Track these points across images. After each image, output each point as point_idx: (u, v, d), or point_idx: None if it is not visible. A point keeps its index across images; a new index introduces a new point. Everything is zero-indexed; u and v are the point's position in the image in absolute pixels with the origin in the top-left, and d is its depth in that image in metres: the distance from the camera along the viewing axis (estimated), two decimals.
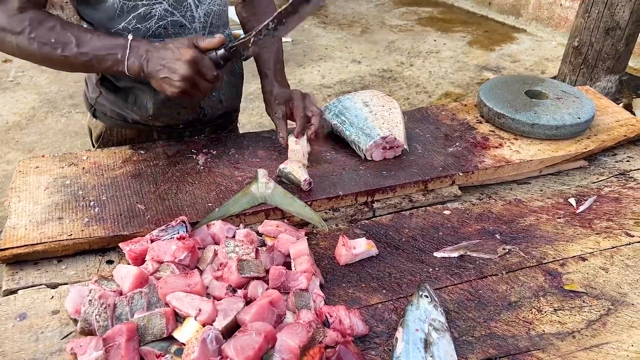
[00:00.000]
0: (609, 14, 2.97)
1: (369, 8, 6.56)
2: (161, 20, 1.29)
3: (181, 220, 1.11)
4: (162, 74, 1.16)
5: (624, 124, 1.59)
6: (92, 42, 1.17)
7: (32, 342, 0.94)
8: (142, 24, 1.27)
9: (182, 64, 1.15)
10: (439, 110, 1.67)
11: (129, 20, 1.26)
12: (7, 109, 4.16)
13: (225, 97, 1.56)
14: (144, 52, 1.17)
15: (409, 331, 0.92)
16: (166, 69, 1.16)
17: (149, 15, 1.27)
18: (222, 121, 1.62)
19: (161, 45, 1.19)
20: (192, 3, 1.32)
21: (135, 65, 1.17)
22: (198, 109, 1.49)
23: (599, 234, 1.23)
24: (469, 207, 1.32)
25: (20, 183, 1.28)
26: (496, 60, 5.08)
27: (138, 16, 1.26)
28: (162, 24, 1.29)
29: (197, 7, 1.33)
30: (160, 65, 1.16)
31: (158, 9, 1.27)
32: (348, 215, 1.28)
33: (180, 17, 1.31)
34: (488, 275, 1.11)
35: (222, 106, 1.56)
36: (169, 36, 1.31)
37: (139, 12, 1.25)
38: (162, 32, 1.30)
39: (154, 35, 1.29)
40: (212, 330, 0.86)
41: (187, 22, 1.33)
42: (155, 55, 1.17)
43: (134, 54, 1.17)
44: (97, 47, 1.16)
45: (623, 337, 0.98)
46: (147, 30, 1.28)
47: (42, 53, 1.15)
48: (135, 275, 0.97)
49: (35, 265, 1.11)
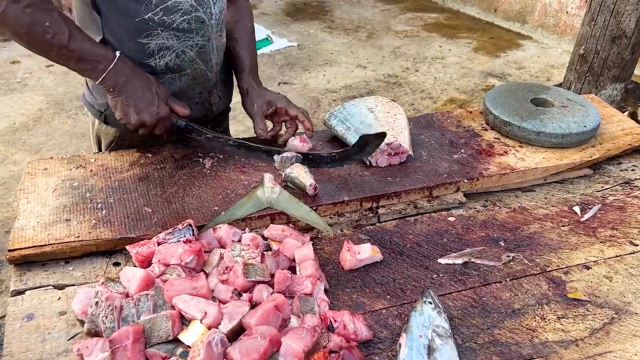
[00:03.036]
0: (615, 22, 2.97)
1: (374, 13, 6.58)
2: (186, 15, 1.30)
3: (188, 223, 1.12)
4: (129, 103, 1.23)
5: (629, 132, 1.59)
6: (82, 42, 1.19)
7: (39, 343, 0.95)
8: (168, 16, 1.28)
9: (151, 115, 1.24)
10: (444, 116, 1.68)
11: (156, 12, 1.27)
12: (14, 110, 4.19)
13: (223, 94, 1.59)
14: (125, 76, 1.23)
15: (413, 337, 0.93)
16: (137, 104, 1.23)
17: (176, 8, 1.28)
18: (221, 118, 1.67)
19: (145, 79, 1.25)
20: (211, 0, 1.35)
21: (109, 82, 1.22)
22: (208, 105, 1.52)
23: (603, 243, 1.23)
24: (473, 214, 1.33)
25: (29, 184, 1.30)
26: (501, 67, 5.08)
27: (166, 8, 1.27)
28: (187, 18, 1.31)
29: (215, 4, 1.36)
30: (134, 98, 1.23)
31: (185, 3, 1.29)
32: (353, 221, 1.28)
33: (202, 13, 1.33)
34: (492, 282, 1.12)
35: (223, 102, 1.60)
36: (191, 31, 1.33)
37: (167, 4, 1.27)
38: (185, 27, 1.32)
39: (178, 29, 1.31)
40: (217, 333, 0.87)
41: (207, 19, 1.35)
42: (133, 86, 1.23)
43: (115, 72, 1.21)
44: (85, 50, 1.19)
45: (626, 346, 0.98)
46: (172, 23, 1.29)
47: (30, 30, 1.14)
48: (141, 278, 0.98)
49: (42, 266, 1.12)
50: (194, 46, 1.36)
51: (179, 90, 1.43)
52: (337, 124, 1.50)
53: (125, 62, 1.24)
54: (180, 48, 1.35)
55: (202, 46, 1.38)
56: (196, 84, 1.44)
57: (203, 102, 1.50)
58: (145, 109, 1.23)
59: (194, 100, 1.47)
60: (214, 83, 1.50)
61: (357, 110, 1.52)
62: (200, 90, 1.47)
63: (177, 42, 1.33)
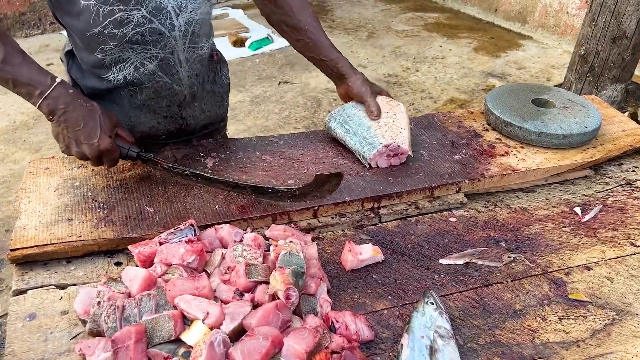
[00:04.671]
0: (615, 23, 2.97)
1: (375, 13, 6.58)
2: (138, 27, 1.25)
3: (190, 223, 1.12)
4: (70, 134, 1.20)
5: (630, 133, 1.59)
6: (19, 66, 1.16)
7: (41, 342, 0.95)
8: (118, 30, 1.24)
9: (93, 147, 1.20)
10: (445, 117, 1.68)
11: (104, 25, 1.23)
12: (14, 108, 4.19)
13: (207, 107, 1.54)
14: (64, 104, 1.18)
15: (415, 338, 0.93)
16: (77, 136, 1.19)
17: (125, 21, 1.24)
18: (208, 131, 1.61)
19: (87, 109, 1.20)
20: (172, 11, 1.28)
21: (46, 109, 1.18)
22: (179, 119, 1.47)
23: (604, 244, 1.24)
24: (474, 215, 1.33)
25: (31, 184, 1.30)
26: (502, 67, 5.08)
27: (115, 21, 1.23)
28: (140, 30, 1.26)
29: (178, 16, 1.30)
30: (75, 129, 1.19)
31: (136, 15, 1.24)
32: (354, 221, 1.29)
33: (159, 25, 1.28)
34: (493, 283, 1.12)
35: (205, 116, 1.55)
36: (147, 43, 1.29)
37: (115, 17, 1.22)
38: (139, 39, 1.27)
39: (132, 42, 1.27)
40: (219, 333, 0.87)
41: (166, 30, 1.29)
42: (76, 116, 1.19)
43: (52, 100, 1.17)
44: (21, 73, 1.16)
45: (627, 347, 0.98)
46: (124, 36, 1.25)
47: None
48: (143, 278, 0.98)
49: (44, 265, 1.12)
50: (153, 58, 1.32)
51: (142, 103, 1.40)
52: (337, 127, 1.50)
53: (66, 88, 1.19)
54: (138, 60, 1.31)
55: (163, 59, 1.33)
56: (160, 97, 1.40)
57: (173, 116, 1.46)
58: (86, 141, 1.19)
59: (161, 114, 1.44)
60: (186, 96, 1.44)
61: (355, 112, 1.51)
62: (167, 104, 1.42)
63: (133, 54, 1.30)
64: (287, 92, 4.51)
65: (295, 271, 0.98)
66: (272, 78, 4.72)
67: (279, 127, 4.01)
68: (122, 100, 1.39)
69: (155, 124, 1.45)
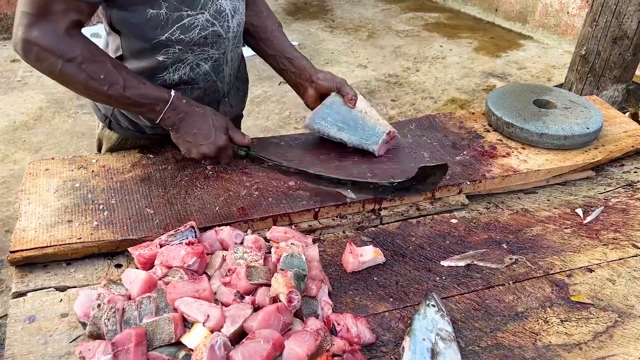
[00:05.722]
0: (616, 23, 2.96)
1: (375, 13, 6.57)
2: (203, 31, 1.29)
3: (190, 225, 1.11)
4: (189, 139, 1.26)
5: (632, 134, 1.59)
6: (137, 88, 1.20)
7: (41, 345, 0.95)
8: (185, 35, 1.27)
9: (211, 146, 1.26)
10: (446, 118, 1.68)
11: (172, 31, 1.25)
12: (14, 108, 4.18)
13: (234, 102, 1.57)
14: (182, 113, 1.26)
15: (416, 340, 0.92)
16: (195, 138, 1.26)
17: (192, 25, 1.27)
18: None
19: (200, 113, 1.27)
20: (229, 14, 1.33)
21: (168, 120, 1.26)
22: None
23: (606, 245, 1.23)
24: (476, 216, 1.32)
25: (30, 185, 1.29)
26: (502, 67, 5.07)
27: (182, 27, 1.26)
28: (204, 34, 1.30)
29: (232, 18, 1.35)
30: (192, 132, 1.26)
31: (201, 19, 1.27)
32: (355, 223, 1.28)
33: (219, 28, 1.32)
34: (495, 285, 1.12)
35: (232, 110, 1.57)
36: (208, 45, 1.32)
37: (183, 22, 1.25)
38: (202, 42, 1.31)
39: (195, 44, 1.30)
40: (220, 336, 0.87)
41: (224, 32, 1.34)
42: (192, 121, 1.26)
43: (172, 111, 1.24)
44: (141, 95, 1.21)
45: (630, 349, 0.98)
46: (190, 41, 1.28)
47: (87, 84, 1.16)
48: (144, 280, 0.98)
49: (44, 267, 1.11)
50: (208, 59, 1.36)
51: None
52: (329, 127, 1.46)
53: (180, 99, 1.26)
54: (195, 61, 1.34)
55: (216, 59, 1.37)
56: (206, 95, 1.43)
57: None
58: (204, 141, 1.25)
59: None
60: (224, 93, 1.49)
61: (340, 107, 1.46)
62: (209, 100, 1.45)
63: (192, 55, 1.32)
64: (287, 92, 4.50)
65: (297, 274, 0.98)
66: (272, 78, 4.71)
67: (279, 127, 4.00)
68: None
69: None
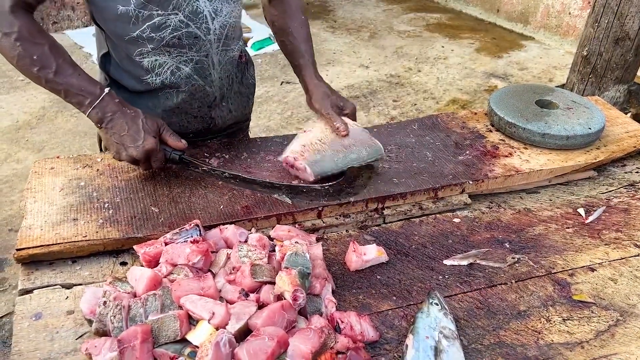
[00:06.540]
0: (618, 24, 2.97)
1: (377, 13, 6.57)
2: (175, 31, 1.29)
3: (195, 224, 1.12)
4: (117, 140, 1.24)
5: (634, 135, 1.59)
6: (69, 77, 1.21)
7: (47, 342, 0.96)
8: (156, 34, 1.28)
9: (139, 149, 1.22)
10: (449, 118, 1.68)
11: (143, 29, 1.27)
12: (17, 107, 4.19)
13: (235, 107, 1.57)
14: (111, 112, 1.24)
15: (419, 338, 0.93)
16: (123, 140, 1.23)
17: (163, 25, 1.27)
18: (233, 130, 1.64)
19: (131, 115, 1.24)
20: (208, 15, 1.32)
21: (95, 116, 1.24)
22: (208, 119, 1.51)
23: (607, 245, 1.24)
24: (478, 216, 1.33)
25: (36, 184, 1.30)
26: (504, 68, 5.08)
27: (152, 25, 1.27)
28: (177, 34, 1.30)
29: (213, 20, 1.34)
30: (121, 134, 1.23)
31: (173, 19, 1.28)
32: (358, 222, 1.29)
33: (195, 29, 1.31)
34: (497, 284, 1.12)
35: (232, 116, 1.57)
36: (183, 47, 1.32)
37: (153, 21, 1.26)
38: (176, 42, 1.31)
39: (168, 45, 1.31)
40: (225, 333, 0.88)
41: (202, 34, 1.33)
42: (121, 122, 1.23)
43: (101, 108, 1.23)
44: (71, 84, 1.21)
45: (631, 348, 0.98)
46: (161, 40, 1.29)
47: (19, 62, 1.19)
48: (149, 277, 0.99)
49: (50, 265, 1.12)
50: (188, 62, 1.36)
51: (175, 106, 1.43)
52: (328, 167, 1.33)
53: (113, 98, 1.25)
54: (174, 64, 1.34)
55: (198, 61, 1.37)
56: (194, 99, 1.43)
57: (202, 117, 1.49)
58: (132, 144, 1.23)
59: (192, 115, 1.47)
60: (216, 97, 1.48)
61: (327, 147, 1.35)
62: (199, 105, 1.46)
63: (170, 57, 1.33)
64: (289, 92, 4.51)
65: (302, 272, 0.98)
66: (274, 78, 4.72)
67: (281, 127, 4.01)
68: (159, 101, 1.42)
69: (185, 124, 1.49)
